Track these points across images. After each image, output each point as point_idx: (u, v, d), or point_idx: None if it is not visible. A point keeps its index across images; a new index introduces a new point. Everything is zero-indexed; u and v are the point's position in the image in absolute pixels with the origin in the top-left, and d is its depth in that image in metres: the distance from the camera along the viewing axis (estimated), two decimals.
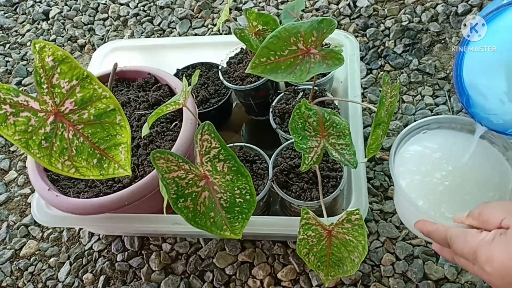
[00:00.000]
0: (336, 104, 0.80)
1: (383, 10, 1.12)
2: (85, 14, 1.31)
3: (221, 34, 1.16)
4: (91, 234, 0.86)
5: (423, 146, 0.59)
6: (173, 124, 0.77)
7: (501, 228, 0.41)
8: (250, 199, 0.51)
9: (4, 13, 1.37)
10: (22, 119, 0.46)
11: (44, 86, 0.46)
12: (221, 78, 0.86)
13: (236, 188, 0.51)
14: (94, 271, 0.81)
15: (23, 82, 1.18)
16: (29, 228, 0.89)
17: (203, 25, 1.21)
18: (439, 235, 0.47)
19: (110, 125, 0.50)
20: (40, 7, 1.35)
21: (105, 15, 1.30)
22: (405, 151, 0.59)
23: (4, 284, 0.82)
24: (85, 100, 0.48)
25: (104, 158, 0.50)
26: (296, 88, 0.83)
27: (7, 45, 1.28)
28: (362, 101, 0.93)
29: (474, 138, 0.56)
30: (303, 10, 1.16)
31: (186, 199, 0.51)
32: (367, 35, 1.07)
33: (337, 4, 1.16)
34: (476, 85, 0.54)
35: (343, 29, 1.10)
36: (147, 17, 1.26)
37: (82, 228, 0.87)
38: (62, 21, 1.32)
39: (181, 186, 0.50)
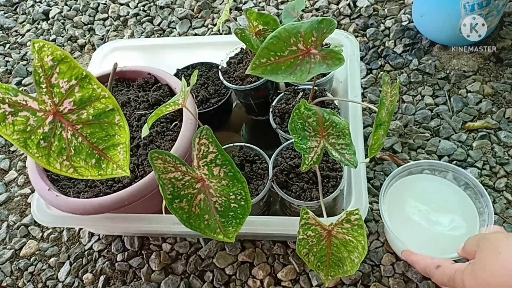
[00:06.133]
0: (336, 104, 0.80)
1: (383, 10, 1.12)
2: (85, 14, 1.31)
3: (221, 34, 1.16)
4: (91, 234, 0.86)
5: (407, 189, 0.70)
6: (173, 124, 0.76)
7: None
8: (245, 205, 0.51)
9: (4, 13, 1.37)
10: (21, 119, 0.46)
11: (43, 86, 0.46)
12: (221, 78, 0.86)
13: (231, 193, 0.51)
14: (94, 271, 0.81)
15: (23, 82, 1.18)
16: (29, 228, 0.89)
17: (203, 25, 1.21)
18: (420, 267, 0.59)
19: (108, 125, 0.50)
20: (40, 7, 1.35)
21: (105, 15, 1.30)
22: (392, 193, 0.70)
23: (4, 284, 0.82)
24: (84, 100, 0.48)
25: (103, 158, 0.50)
26: (296, 88, 0.83)
27: (7, 45, 1.28)
28: (362, 101, 0.93)
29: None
30: (303, 10, 1.15)
31: (182, 200, 0.51)
32: (367, 35, 1.07)
33: (337, 4, 1.16)
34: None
35: (343, 29, 1.10)
36: (147, 17, 1.26)
37: (82, 228, 0.87)
38: (62, 21, 1.32)
39: (177, 187, 0.50)
